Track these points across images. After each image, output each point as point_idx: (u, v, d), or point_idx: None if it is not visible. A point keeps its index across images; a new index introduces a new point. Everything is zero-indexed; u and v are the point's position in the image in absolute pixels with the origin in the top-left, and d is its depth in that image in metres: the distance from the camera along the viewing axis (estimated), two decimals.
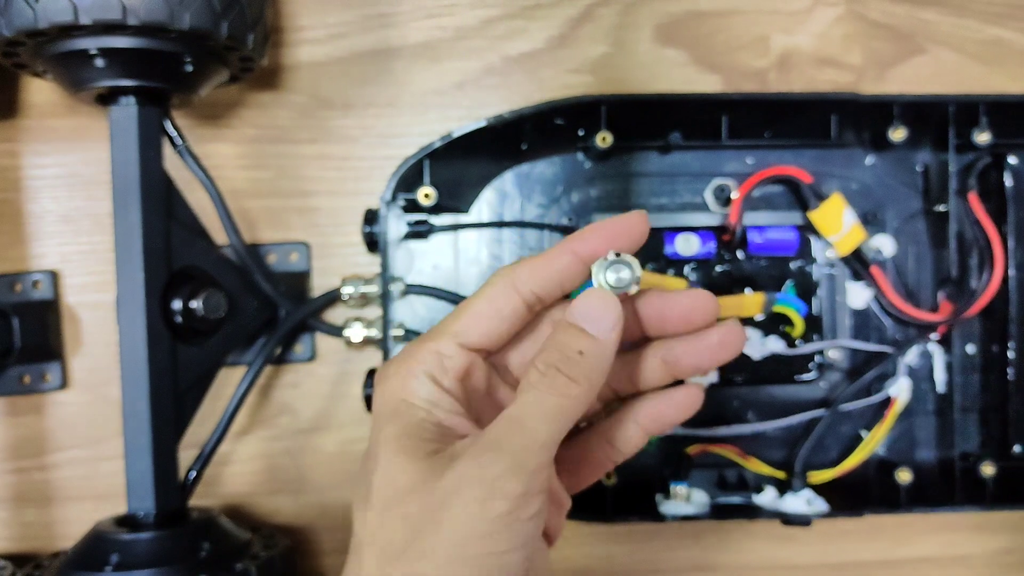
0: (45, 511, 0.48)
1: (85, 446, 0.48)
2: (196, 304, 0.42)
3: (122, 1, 0.36)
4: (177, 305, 0.42)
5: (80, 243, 0.48)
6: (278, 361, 0.48)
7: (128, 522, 0.41)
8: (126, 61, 0.39)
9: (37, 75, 0.43)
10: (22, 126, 0.48)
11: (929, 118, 0.46)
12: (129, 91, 0.40)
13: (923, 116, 0.46)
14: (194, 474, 0.43)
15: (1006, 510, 0.50)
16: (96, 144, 0.47)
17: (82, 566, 0.39)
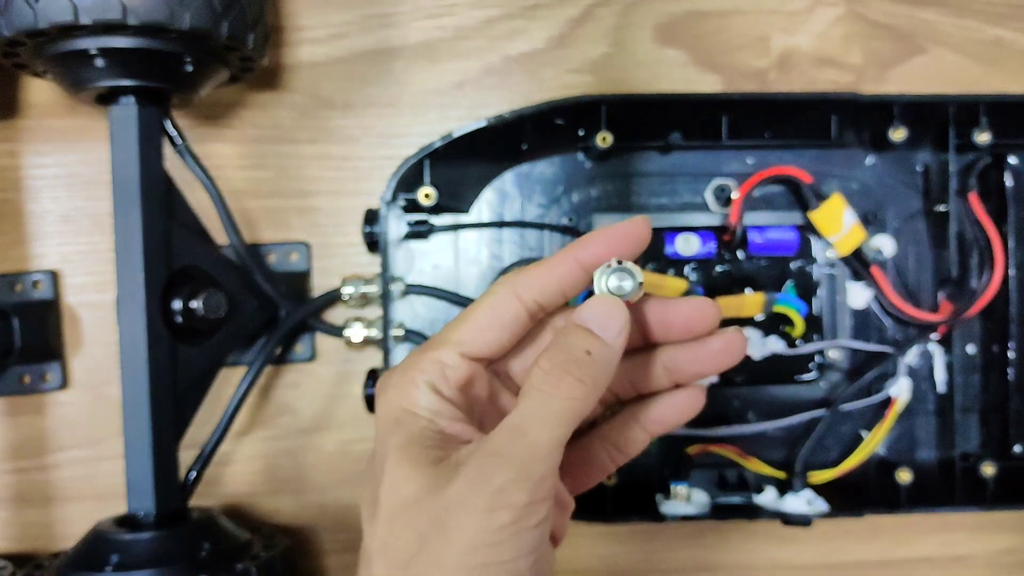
0: (45, 511, 0.48)
1: (85, 446, 0.48)
2: (196, 304, 0.42)
3: (122, 1, 0.36)
4: (177, 305, 0.42)
5: (80, 243, 0.48)
6: (278, 361, 0.48)
7: (128, 522, 0.41)
8: (126, 61, 0.39)
9: (37, 75, 0.43)
10: (22, 126, 0.48)
11: (929, 118, 0.46)
12: (129, 91, 0.40)
13: (923, 116, 0.46)
14: (194, 474, 0.43)
15: (1006, 510, 0.50)
16: (96, 144, 0.47)
17: (82, 566, 0.39)
